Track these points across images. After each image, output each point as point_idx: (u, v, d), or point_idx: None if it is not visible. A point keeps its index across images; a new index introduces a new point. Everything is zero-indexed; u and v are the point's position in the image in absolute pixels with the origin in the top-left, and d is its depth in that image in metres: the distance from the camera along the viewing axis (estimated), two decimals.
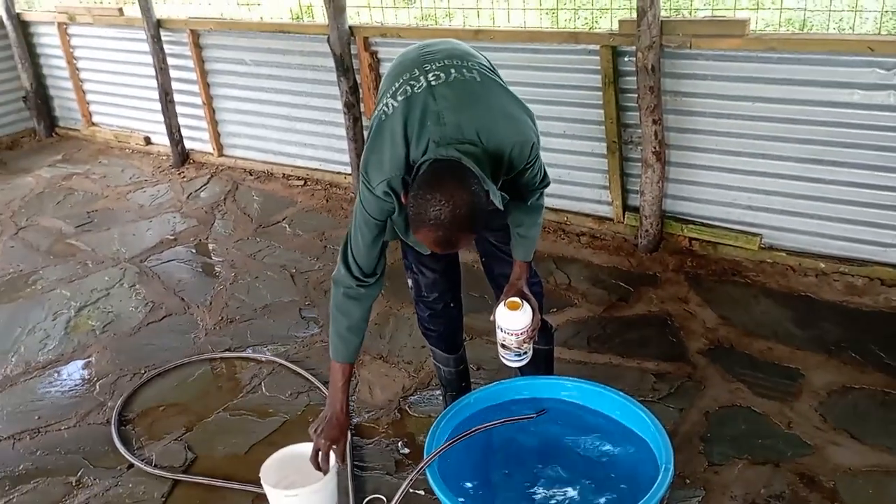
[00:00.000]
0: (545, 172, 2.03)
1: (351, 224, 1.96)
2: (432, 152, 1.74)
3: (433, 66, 1.88)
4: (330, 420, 2.07)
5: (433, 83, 1.83)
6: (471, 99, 1.83)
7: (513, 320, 2.06)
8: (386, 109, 1.85)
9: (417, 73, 1.87)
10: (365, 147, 1.88)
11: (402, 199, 1.81)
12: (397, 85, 1.87)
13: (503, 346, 2.13)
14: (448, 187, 1.64)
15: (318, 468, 2.05)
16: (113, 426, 2.73)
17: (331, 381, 2.11)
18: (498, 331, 2.11)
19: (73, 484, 2.50)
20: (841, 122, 3.08)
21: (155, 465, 2.54)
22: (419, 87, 1.83)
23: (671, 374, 2.78)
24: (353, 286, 1.98)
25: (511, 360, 2.16)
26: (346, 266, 1.98)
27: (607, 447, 2.13)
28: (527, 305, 2.07)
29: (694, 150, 3.46)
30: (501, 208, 1.76)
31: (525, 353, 2.13)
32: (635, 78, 3.34)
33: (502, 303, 2.09)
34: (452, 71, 1.87)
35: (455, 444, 1.99)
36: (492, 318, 2.12)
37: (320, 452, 2.05)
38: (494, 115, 1.83)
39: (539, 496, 2.09)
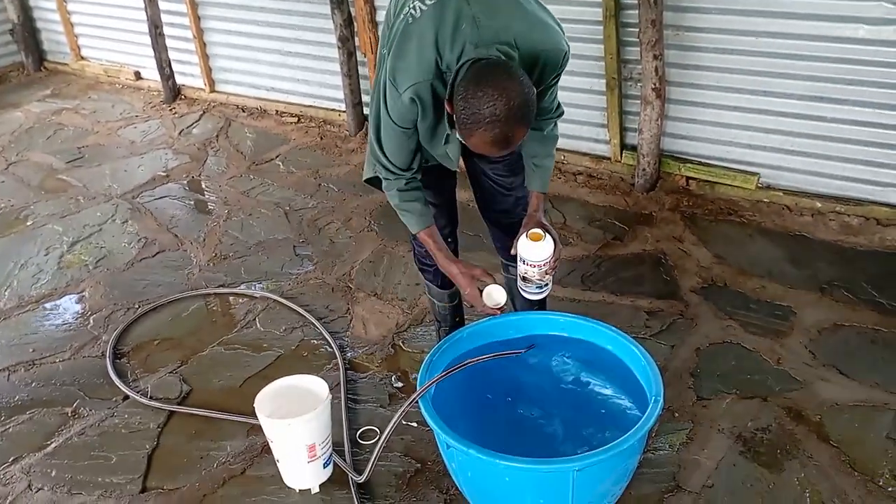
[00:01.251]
0: (559, 102, 2.02)
1: (376, 133, 1.95)
2: (471, 53, 1.72)
3: None
4: (451, 271, 2.07)
5: None
6: (506, 4, 1.80)
7: (536, 251, 2.03)
8: (413, 13, 1.80)
9: None
10: (391, 53, 1.83)
11: (447, 106, 1.77)
12: None
13: (524, 278, 2.10)
14: (498, 81, 1.63)
15: (485, 304, 2.06)
16: (108, 359, 2.74)
17: (428, 247, 2.10)
18: (520, 263, 2.08)
19: (69, 414, 2.53)
20: (845, 59, 3.01)
21: (150, 397, 2.57)
22: None
23: (664, 312, 2.79)
24: (402, 184, 2.01)
25: (532, 293, 2.13)
26: (387, 169, 1.98)
27: (598, 380, 2.15)
28: (549, 236, 2.04)
29: (694, 87, 3.40)
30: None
31: (546, 284, 2.11)
32: (637, 11, 3.25)
33: (524, 234, 2.05)
34: None
35: (448, 377, 2.00)
36: (512, 251, 2.10)
37: (474, 280, 2.05)
38: (531, 22, 1.81)
39: (530, 427, 2.12)
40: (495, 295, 2.06)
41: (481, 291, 2.06)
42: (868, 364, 2.47)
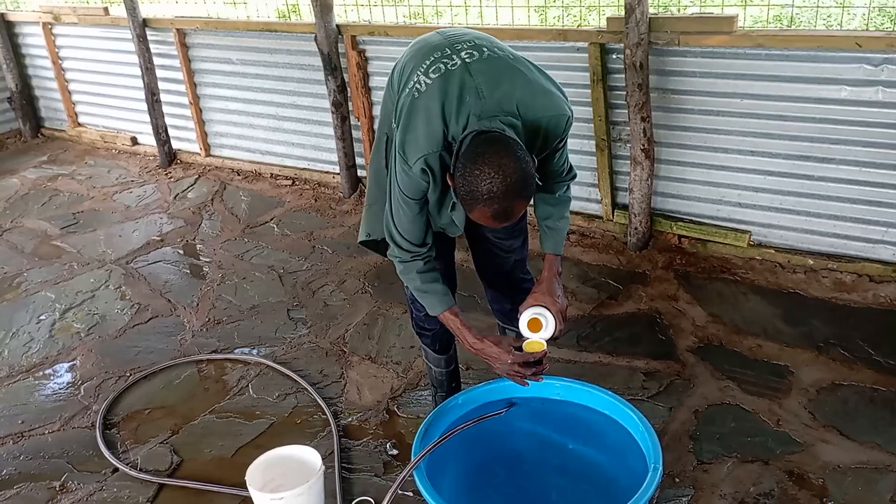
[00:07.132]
0: (571, 165, 2.04)
1: (388, 209, 1.96)
2: (474, 125, 1.75)
3: (465, 46, 1.88)
4: (483, 348, 2.03)
5: (468, 60, 1.83)
6: (508, 74, 1.83)
7: (535, 336, 2.03)
8: (418, 87, 1.84)
9: (449, 52, 1.87)
10: (399, 127, 1.86)
11: (448, 179, 1.79)
12: (428, 63, 1.86)
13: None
14: (494, 158, 1.64)
15: (526, 372, 2.00)
16: (98, 430, 2.70)
17: (452, 326, 2.06)
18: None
19: (57, 489, 2.47)
20: (829, 119, 3.07)
21: (140, 469, 2.51)
22: (453, 65, 1.83)
23: (660, 373, 2.77)
24: (421, 265, 2.00)
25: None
26: (402, 248, 1.98)
27: (596, 447, 2.12)
28: (549, 317, 2.01)
29: (682, 148, 3.46)
30: (541, 184, 1.77)
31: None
32: (623, 75, 3.32)
33: (524, 319, 2.03)
34: (485, 49, 1.87)
35: (443, 445, 1.97)
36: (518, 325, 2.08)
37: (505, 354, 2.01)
38: (533, 89, 1.83)
39: (529, 496, 2.08)
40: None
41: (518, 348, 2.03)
42: (868, 424, 2.44)
